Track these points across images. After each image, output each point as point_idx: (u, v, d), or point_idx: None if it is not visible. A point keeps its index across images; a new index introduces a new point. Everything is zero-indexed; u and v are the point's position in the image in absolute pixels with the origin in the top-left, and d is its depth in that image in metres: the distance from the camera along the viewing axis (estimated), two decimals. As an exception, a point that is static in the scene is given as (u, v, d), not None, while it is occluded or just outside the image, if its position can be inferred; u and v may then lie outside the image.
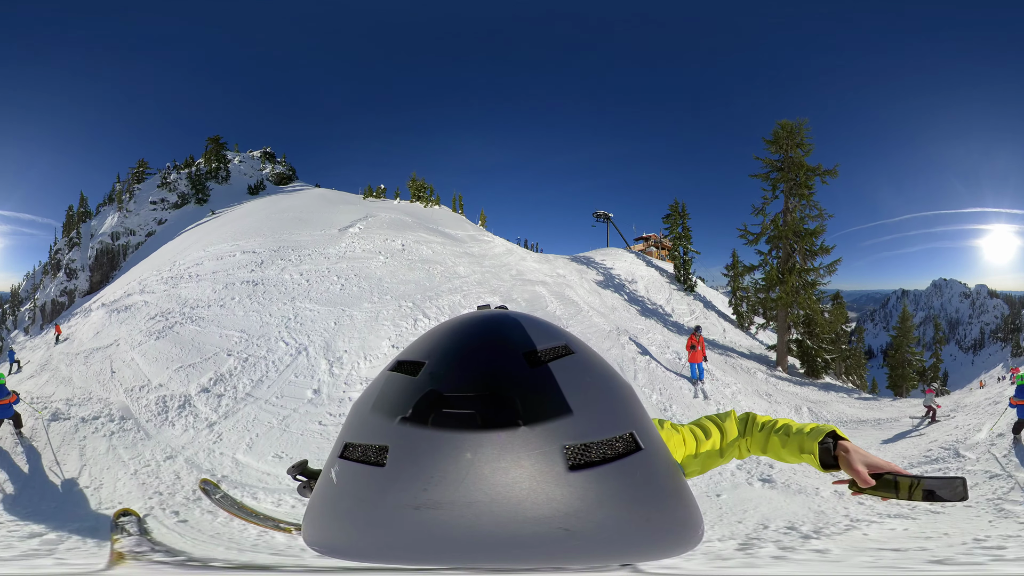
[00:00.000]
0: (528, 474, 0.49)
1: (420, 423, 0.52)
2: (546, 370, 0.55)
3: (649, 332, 15.78)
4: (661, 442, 0.59)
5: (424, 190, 27.12)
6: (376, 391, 0.59)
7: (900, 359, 24.20)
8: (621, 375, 0.62)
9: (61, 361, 12.81)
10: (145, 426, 9.07)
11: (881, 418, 12.68)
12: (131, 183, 31.76)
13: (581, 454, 0.51)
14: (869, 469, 1.16)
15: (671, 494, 0.56)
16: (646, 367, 12.77)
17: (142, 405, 9.71)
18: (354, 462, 0.55)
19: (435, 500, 0.49)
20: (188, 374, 10.56)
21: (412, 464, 0.50)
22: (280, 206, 25.17)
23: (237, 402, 9.61)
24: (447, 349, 0.58)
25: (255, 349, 11.23)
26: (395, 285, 14.37)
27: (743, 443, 1.38)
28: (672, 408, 11.04)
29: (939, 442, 10.04)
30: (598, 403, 0.55)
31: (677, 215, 23.89)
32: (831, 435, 1.24)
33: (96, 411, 9.57)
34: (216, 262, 16.50)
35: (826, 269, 18.97)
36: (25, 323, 27.81)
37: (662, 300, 20.32)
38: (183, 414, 9.35)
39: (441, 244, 18.79)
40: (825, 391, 15.76)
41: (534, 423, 0.50)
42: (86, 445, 8.51)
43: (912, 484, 1.13)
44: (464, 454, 0.49)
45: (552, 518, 0.49)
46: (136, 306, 14.57)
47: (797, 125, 19.19)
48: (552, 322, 0.64)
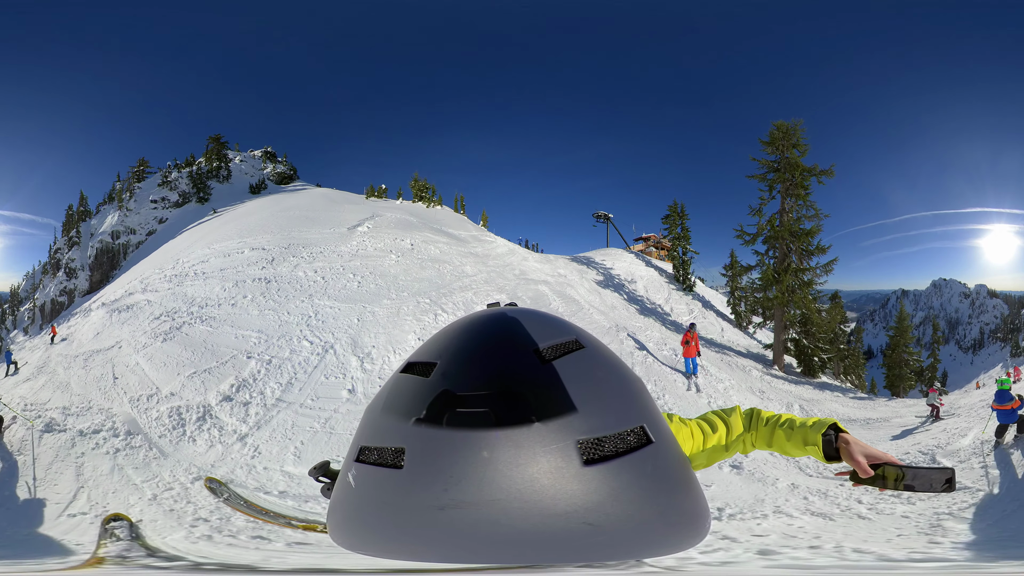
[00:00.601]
0: (546, 470, 0.50)
1: (435, 423, 0.52)
2: (557, 366, 0.55)
3: (647, 330, 15.99)
4: (671, 435, 0.59)
5: (426, 190, 27.28)
6: (388, 393, 0.60)
7: (897, 359, 24.33)
8: (631, 369, 0.63)
9: (59, 364, 12.07)
10: (158, 443, 8.12)
11: (871, 418, 12.79)
12: (131, 182, 31.78)
13: (595, 448, 0.52)
14: (868, 460, 1.21)
15: (682, 486, 0.57)
16: (643, 361, 13.17)
17: (152, 418, 8.78)
18: (371, 465, 0.55)
19: (457, 500, 0.50)
20: (204, 381, 9.77)
21: (431, 465, 0.51)
22: (284, 204, 25.27)
23: (268, 409, 8.97)
24: (458, 349, 0.58)
25: (277, 350, 10.66)
26: (410, 283, 14.55)
27: (748, 437, 1.41)
28: (665, 398, 11.40)
29: (921, 445, 9.97)
30: (609, 397, 0.56)
31: (676, 215, 24.02)
32: (832, 427, 1.28)
33: (97, 423, 8.59)
34: (223, 259, 16.20)
35: (822, 269, 19.10)
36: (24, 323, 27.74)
37: (661, 300, 20.46)
38: (204, 427, 8.49)
39: (447, 244, 18.98)
40: (820, 390, 15.89)
41: (547, 419, 0.51)
42: (84, 463, 7.50)
43: (906, 475, 1.19)
44: (481, 452, 0.50)
45: (574, 513, 0.50)
46: (138, 305, 14.13)
47: (792, 126, 19.33)
48: (561, 317, 0.65)
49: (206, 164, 33.32)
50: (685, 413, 6.18)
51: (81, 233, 29.82)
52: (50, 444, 7.98)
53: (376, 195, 27.83)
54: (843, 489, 7.37)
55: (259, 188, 33.34)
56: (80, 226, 30.02)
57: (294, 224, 19.41)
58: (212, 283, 14.29)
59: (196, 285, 14.42)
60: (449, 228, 22.13)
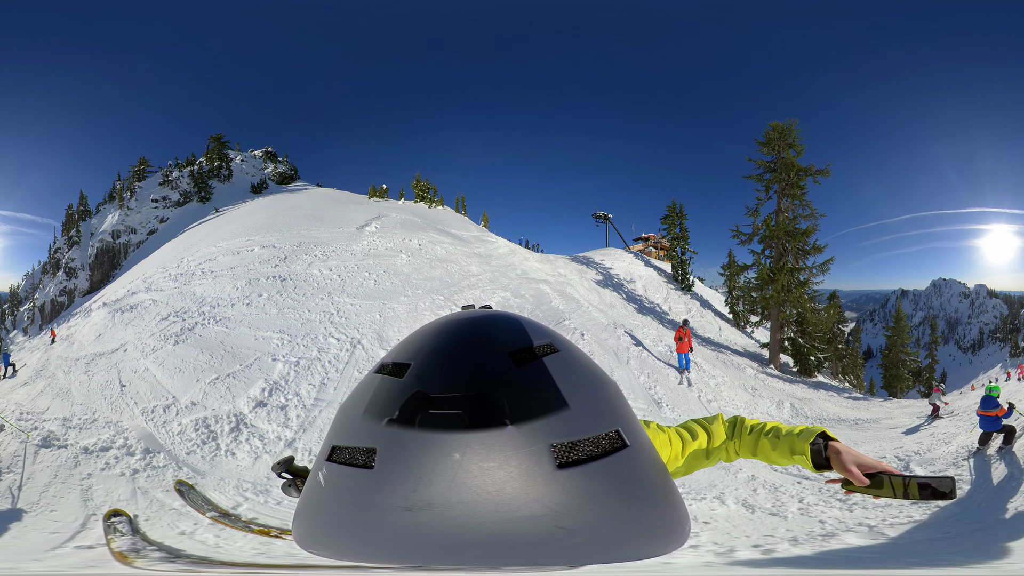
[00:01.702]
0: (517, 473, 0.49)
1: (407, 424, 0.52)
2: (532, 368, 0.55)
3: (644, 327, 16.18)
4: (647, 440, 0.59)
5: (428, 191, 27.48)
6: (362, 393, 0.59)
7: (894, 359, 24.42)
8: (606, 373, 0.62)
9: (59, 367, 11.38)
10: (189, 461, 7.30)
11: (861, 418, 12.75)
12: (132, 181, 31.81)
13: (568, 452, 0.51)
14: (861, 469, 1.19)
15: (658, 491, 0.56)
16: (638, 355, 13.42)
17: (173, 432, 7.93)
18: (342, 465, 0.55)
19: (425, 501, 0.49)
20: (230, 387, 9.10)
21: (400, 466, 0.50)
22: (288, 204, 25.27)
23: (308, 410, 8.51)
24: (433, 350, 0.58)
25: (303, 350, 10.30)
26: (422, 281, 14.73)
27: (731, 446, 1.38)
28: (655, 388, 11.57)
29: (905, 448, 9.70)
30: (584, 401, 0.55)
31: (675, 216, 24.19)
32: (821, 436, 1.25)
33: (105, 440, 7.63)
34: (232, 257, 15.96)
35: (818, 268, 19.21)
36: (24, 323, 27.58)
37: (659, 299, 20.61)
38: (240, 438, 7.81)
39: (452, 244, 19.16)
40: (815, 389, 15.95)
41: (521, 422, 0.51)
42: (92, 486, 6.57)
43: (903, 483, 1.17)
44: (452, 454, 0.49)
45: (545, 516, 0.50)
46: (143, 305, 13.68)
47: (788, 126, 19.44)
48: (537, 321, 0.65)
49: (207, 163, 33.43)
50: (675, 406, 6.52)
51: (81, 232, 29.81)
52: (47, 461, 6.94)
53: (378, 195, 28.00)
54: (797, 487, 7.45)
55: (261, 188, 33.48)
56: (80, 225, 30.00)
57: (302, 223, 19.45)
58: (222, 282, 13.97)
59: (205, 284, 14.08)
60: (452, 229, 22.31)
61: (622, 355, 13.21)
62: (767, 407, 12.64)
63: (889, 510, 6.42)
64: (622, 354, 13.27)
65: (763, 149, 19.71)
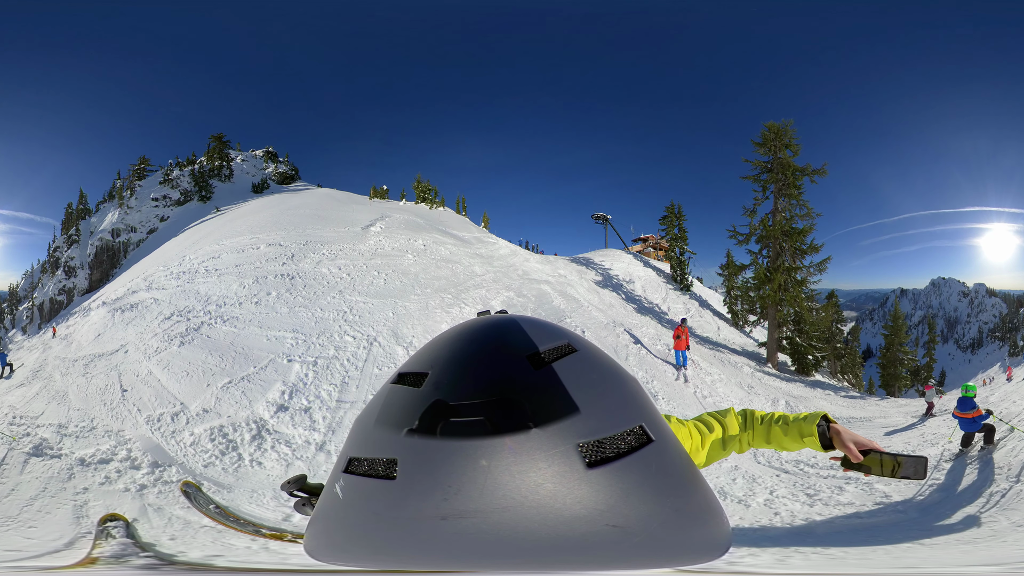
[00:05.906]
0: (549, 475, 0.49)
1: (428, 434, 0.51)
2: (551, 370, 0.55)
3: (643, 327, 16.34)
4: (671, 433, 0.58)
5: (429, 192, 27.59)
6: (380, 404, 0.58)
7: (892, 358, 24.50)
8: (626, 369, 0.62)
9: (56, 368, 10.88)
10: (207, 474, 6.72)
11: (855, 416, 12.88)
12: (132, 180, 31.82)
13: (596, 450, 0.51)
14: (858, 447, 1.35)
15: (689, 483, 0.56)
16: (636, 353, 13.65)
17: (185, 444, 7.32)
18: (361, 476, 0.54)
19: (460, 510, 0.48)
20: (245, 391, 8.60)
21: (427, 475, 0.50)
22: (290, 204, 25.25)
23: (334, 411, 8.17)
24: (449, 358, 0.58)
25: (320, 349, 9.97)
26: (430, 280, 14.76)
27: (745, 437, 1.46)
28: (652, 384, 11.75)
29: (892, 448, 9.89)
30: (605, 399, 0.55)
31: (673, 216, 24.31)
32: (824, 419, 1.41)
33: (105, 451, 6.95)
34: (237, 255, 15.77)
35: (815, 267, 19.33)
36: (23, 322, 27.54)
37: (658, 299, 20.71)
38: (264, 446, 7.32)
39: (455, 245, 19.24)
40: (811, 388, 16.06)
41: (545, 424, 0.50)
42: (88, 501, 5.87)
43: (888, 461, 1.34)
44: (479, 461, 0.49)
45: (590, 516, 0.49)
46: (144, 304, 13.39)
47: (784, 126, 19.55)
48: (553, 322, 0.65)
49: (208, 163, 33.48)
50: (672, 400, 6.76)
51: (80, 231, 29.78)
52: (37, 472, 6.27)
53: (379, 196, 28.09)
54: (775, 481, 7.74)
55: (262, 187, 33.55)
56: (80, 224, 29.96)
57: (306, 222, 19.45)
58: (228, 280, 13.68)
59: (210, 282, 13.78)
60: (453, 230, 22.41)
61: (621, 352, 13.45)
62: (762, 405, 12.77)
63: (838, 507, 6.94)
64: (621, 351, 13.51)
65: (759, 149, 19.81)
